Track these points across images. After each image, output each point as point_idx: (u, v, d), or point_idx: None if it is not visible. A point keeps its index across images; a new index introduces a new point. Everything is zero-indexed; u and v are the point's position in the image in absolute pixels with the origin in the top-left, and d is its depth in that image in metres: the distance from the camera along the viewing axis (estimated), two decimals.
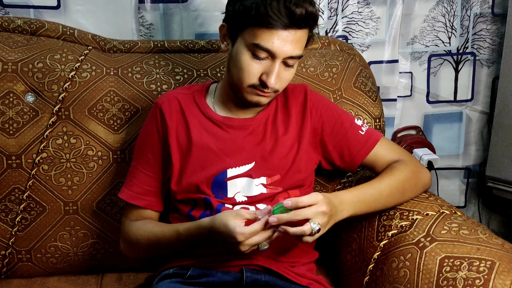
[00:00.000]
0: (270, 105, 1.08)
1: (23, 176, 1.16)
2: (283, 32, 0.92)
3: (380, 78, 1.66)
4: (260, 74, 0.95)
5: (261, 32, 0.92)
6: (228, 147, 1.03)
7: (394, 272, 0.94)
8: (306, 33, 0.96)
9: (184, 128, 1.05)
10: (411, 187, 1.05)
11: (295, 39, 0.93)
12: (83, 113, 1.18)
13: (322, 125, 1.08)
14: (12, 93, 1.16)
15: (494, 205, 1.89)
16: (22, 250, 1.18)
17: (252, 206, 1.02)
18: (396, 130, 1.77)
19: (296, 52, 0.94)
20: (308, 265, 1.06)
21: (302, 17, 0.91)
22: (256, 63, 0.95)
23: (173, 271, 1.01)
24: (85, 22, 1.44)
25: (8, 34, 1.23)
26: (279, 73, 0.96)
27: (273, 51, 0.93)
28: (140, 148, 1.08)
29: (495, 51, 1.76)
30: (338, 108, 1.15)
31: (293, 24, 0.91)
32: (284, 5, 0.90)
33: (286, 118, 1.07)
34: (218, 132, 1.05)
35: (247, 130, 1.05)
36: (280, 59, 0.94)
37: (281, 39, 0.92)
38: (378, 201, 1.02)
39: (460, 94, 1.78)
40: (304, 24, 0.93)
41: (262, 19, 0.91)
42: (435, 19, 1.69)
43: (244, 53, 0.95)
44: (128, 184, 1.08)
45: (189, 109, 1.06)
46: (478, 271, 0.82)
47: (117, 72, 1.23)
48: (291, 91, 1.10)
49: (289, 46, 0.93)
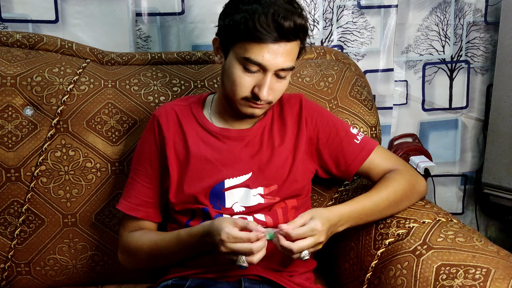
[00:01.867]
0: (266, 116, 1.09)
1: (22, 189, 1.16)
2: (273, 45, 0.92)
3: (375, 86, 1.67)
4: (253, 87, 0.96)
5: (251, 46, 0.93)
6: (225, 157, 1.04)
7: (391, 280, 0.95)
8: (297, 45, 0.97)
9: (181, 140, 1.06)
10: (407, 197, 1.06)
11: (285, 51, 0.94)
12: (81, 125, 1.19)
13: (317, 134, 1.09)
14: (11, 106, 1.17)
15: (491, 211, 1.90)
16: (21, 263, 1.18)
17: (250, 216, 1.02)
18: (393, 138, 1.78)
19: (287, 64, 0.95)
20: (306, 274, 1.07)
21: (291, 30, 0.92)
22: (248, 76, 0.96)
23: (171, 282, 1.01)
24: (83, 36, 1.45)
25: (7, 49, 1.24)
26: (271, 85, 0.96)
27: (264, 65, 0.94)
28: (138, 160, 1.09)
29: (488, 59, 1.77)
30: (334, 117, 1.15)
31: (282, 37, 0.92)
32: (273, 19, 0.91)
33: (282, 128, 1.08)
34: (215, 143, 1.05)
35: (244, 141, 1.06)
36: (272, 71, 0.95)
37: (271, 53, 0.93)
38: (375, 213, 1.03)
39: (455, 101, 1.79)
40: (293, 37, 0.94)
41: (251, 33, 0.92)
42: (428, 28, 1.71)
43: (236, 67, 0.96)
44: (126, 195, 1.08)
45: (186, 121, 1.07)
46: (474, 279, 0.82)
47: (115, 85, 1.24)
48: (286, 101, 1.11)
49: (279, 58, 0.94)
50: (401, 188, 1.04)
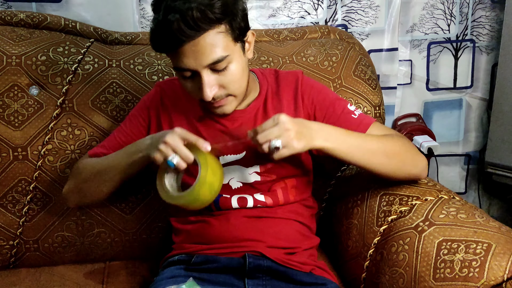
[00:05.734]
0: (260, 95, 1.07)
1: (29, 168, 1.18)
2: (183, 48, 0.87)
3: (379, 66, 1.67)
4: (197, 89, 0.93)
5: (170, 56, 0.91)
6: (218, 136, 1.03)
7: (393, 256, 0.96)
8: (216, 32, 0.87)
9: (178, 113, 1.06)
10: (399, 156, 1.01)
11: (203, 46, 0.87)
12: (86, 105, 1.20)
13: (314, 112, 1.06)
14: (17, 86, 1.18)
15: (494, 190, 1.91)
16: (29, 240, 1.20)
17: (249, 196, 1.03)
18: (396, 118, 1.78)
19: (212, 57, 0.88)
20: (309, 250, 1.07)
21: (183, 28, 0.84)
22: (188, 82, 0.93)
23: (177, 258, 1.03)
24: (87, 15, 1.45)
25: (11, 28, 1.24)
26: (214, 82, 0.91)
27: (188, 68, 0.89)
28: (131, 114, 1.10)
29: (494, 38, 1.76)
30: (332, 93, 1.12)
31: (183, 37, 0.85)
32: (166, 25, 0.84)
33: (278, 106, 1.06)
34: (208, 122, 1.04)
35: (237, 121, 1.04)
36: (201, 70, 0.89)
37: (187, 55, 0.87)
38: (361, 149, 0.97)
39: (459, 81, 1.79)
40: (196, 29, 0.85)
41: (160, 47, 0.90)
42: (434, 7, 1.69)
43: (177, 75, 0.96)
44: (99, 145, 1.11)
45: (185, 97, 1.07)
46: (475, 253, 0.84)
47: (119, 64, 1.25)
48: (283, 78, 1.09)
49: (199, 56, 0.87)
50: (394, 145, 1.00)
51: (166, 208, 1.22)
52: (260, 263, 0.98)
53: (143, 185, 1.21)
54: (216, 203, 1.02)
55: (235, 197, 1.03)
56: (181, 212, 1.08)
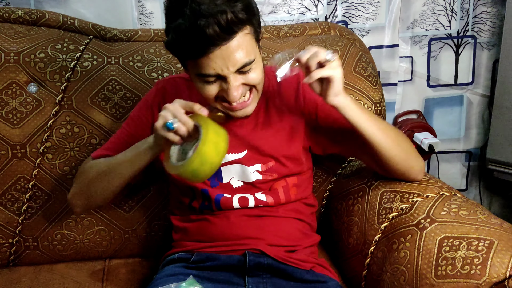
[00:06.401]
0: (262, 94, 1.04)
1: (28, 165, 1.17)
2: (214, 53, 0.84)
3: (380, 62, 1.66)
4: (220, 91, 0.90)
5: (197, 62, 0.86)
6: None
7: (394, 253, 0.96)
8: (244, 34, 0.86)
9: None
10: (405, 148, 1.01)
11: (233, 49, 0.84)
12: (85, 102, 1.20)
13: (316, 110, 1.06)
14: (15, 83, 1.17)
15: (495, 187, 1.91)
16: (29, 238, 1.20)
17: (250, 195, 1.02)
18: (397, 115, 1.77)
19: (242, 62, 0.86)
20: (310, 248, 1.07)
21: (218, 33, 0.82)
22: (210, 86, 0.90)
23: (177, 256, 1.03)
24: (86, 12, 1.44)
25: (9, 25, 1.23)
26: (238, 85, 0.89)
27: (217, 74, 0.87)
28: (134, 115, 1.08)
29: (495, 34, 1.75)
30: None
31: (217, 41, 0.83)
32: (197, 30, 0.81)
33: (279, 105, 1.06)
34: None
35: (239, 120, 1.02)
36: (230, 75, 0.87)
37: (217, 60, 0.85)
38: (373, 124, 0.96)
39: (460, 77, 1.78)
40: (229, 34, 0.83)
41: (187, 54, 0.87)
42: (435, 2, 1.68)
43: (196, 81, 0.91)
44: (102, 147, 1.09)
45: (185, 95, 1.07)
46: (476, 250, 0.83)
47: (118, 61, 1.24)
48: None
49: (229, 61, 0.85)
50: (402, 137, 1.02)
51: (166, 206, 1.22)
52: (260, 260, 0.97)
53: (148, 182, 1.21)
54: (217, 203, 1.02)
55: (236, 196, 1.03)
56: (182, 210, 1.08)
